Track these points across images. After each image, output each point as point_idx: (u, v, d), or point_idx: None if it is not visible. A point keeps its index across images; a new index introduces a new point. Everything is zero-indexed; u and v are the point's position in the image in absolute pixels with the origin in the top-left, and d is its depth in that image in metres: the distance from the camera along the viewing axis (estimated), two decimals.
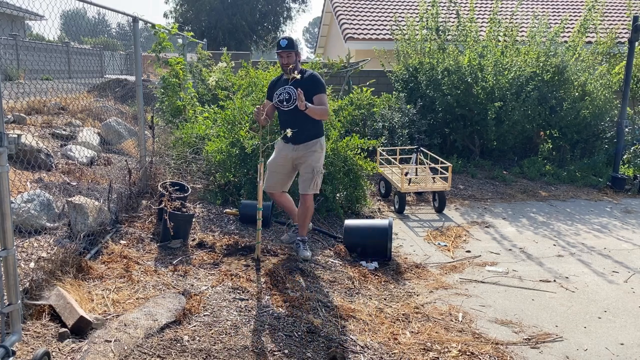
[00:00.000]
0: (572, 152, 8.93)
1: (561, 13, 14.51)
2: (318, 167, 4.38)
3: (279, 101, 4.30)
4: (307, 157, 4.35)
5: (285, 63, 4.25)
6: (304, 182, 4.39)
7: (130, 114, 8.90)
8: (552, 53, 8.58)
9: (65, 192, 4.67)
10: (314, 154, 4.36)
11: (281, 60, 4.29)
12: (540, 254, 5.10)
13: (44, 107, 8.36)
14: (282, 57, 4.26)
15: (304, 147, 4.34)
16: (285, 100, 4.28)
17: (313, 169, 4.35)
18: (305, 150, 4.34)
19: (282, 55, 4.24)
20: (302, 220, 4.50)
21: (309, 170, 4.35)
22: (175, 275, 3.81)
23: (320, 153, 4.42)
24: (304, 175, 4.39)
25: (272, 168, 4.49)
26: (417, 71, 8.94)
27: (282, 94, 4.30)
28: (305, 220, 4.50)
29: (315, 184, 4.38)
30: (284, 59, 4.25)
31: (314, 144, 4.36)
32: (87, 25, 6.18)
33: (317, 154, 4.38)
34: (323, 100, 4.27)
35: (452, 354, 3.18)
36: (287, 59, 4.24)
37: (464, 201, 7.02)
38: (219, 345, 2.96)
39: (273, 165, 4.48)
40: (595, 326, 3.67)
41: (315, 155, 4.36)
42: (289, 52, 4.23)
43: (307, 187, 4.37)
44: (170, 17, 26.85)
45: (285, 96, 4.29)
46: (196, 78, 8.88)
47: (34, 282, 3.19)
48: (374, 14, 14.39)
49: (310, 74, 4.31)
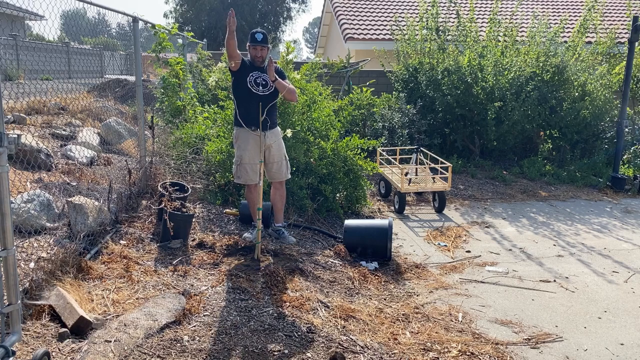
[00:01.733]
0: (572, 152, 8.93)
1: (561, 13, 14.50)
2: (285, 153, 4.62)
3: (255, 84, 4.36)
4: (277, 143, 4.52)
5: (259, 56, 4.35)
6: (280, 168, 4.55)
7: (130, 114, 8.90)
8: (552, 53, 8.58)
9: (65, 192, 4.66)
10: (280, 141, 4.56)
11: (254, 52, 4.36)
12: (540, 254, 5.10)
13: (44, 107, 8.35)
14: (255, 50, 4.35)
15: (271, 133, 4.46)
16: (261, 85, 4.37)
17: (283, 155, 4.57)
18: (274, 137, 4.49)
19: (256, 48, 4.33)
20: (281, 206, 4.68)
21: (281, 157, 4.54)
22: (175, 275, 3.81)
23: (281, 140, 4.61)
24: (277, 162, 4.53)
25: (252, 160, 4.43)
26: (417, 71, 8.94)
27: (259, 78, 4.37)
28: (282, 206, 4.70)
29: (287, 169, 4.62)
30: (258, 51, 4.34)
31: (278, 131, 4.59)
32: (87, 26, 6.18)
33: (280, 140, 4.58)
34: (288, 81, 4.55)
35: (452, 354, 3.18)
36: (261, 52, 4.34)
37: (464, 201, 7.02)
38: (219, 345, 2.96)
39: (251, 156, 4.42)
40: (595, 326, 3.67)
41: (281, 141, 4.58)
42: (264, 46, 4.34)
43: (284, 173, 4.59)
44: (170, 17, 26.88)
45: (262, 82, 4.37)
46: (196, 78, 8.87)
47: (34, 282, 3.19)
48: (374, 14, 14.39)
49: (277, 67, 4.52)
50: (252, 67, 4.41)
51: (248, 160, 4.42)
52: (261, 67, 4.38)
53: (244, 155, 4.42)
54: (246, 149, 4.41)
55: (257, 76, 4.38)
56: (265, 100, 4.34)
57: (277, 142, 4.52)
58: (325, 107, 5.97)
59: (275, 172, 4.55)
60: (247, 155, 4.41)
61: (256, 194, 4.46)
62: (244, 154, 4.42)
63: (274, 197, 4.70)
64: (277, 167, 4.53)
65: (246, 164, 4.43)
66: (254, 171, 4.43)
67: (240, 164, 4.45)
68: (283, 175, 4.60)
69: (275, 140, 4.49)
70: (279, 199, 4.67)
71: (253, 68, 4.40)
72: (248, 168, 4.43)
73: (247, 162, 4.42)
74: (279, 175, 4.57)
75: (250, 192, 4.58)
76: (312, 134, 5.66)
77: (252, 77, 4.37)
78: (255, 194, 4.51)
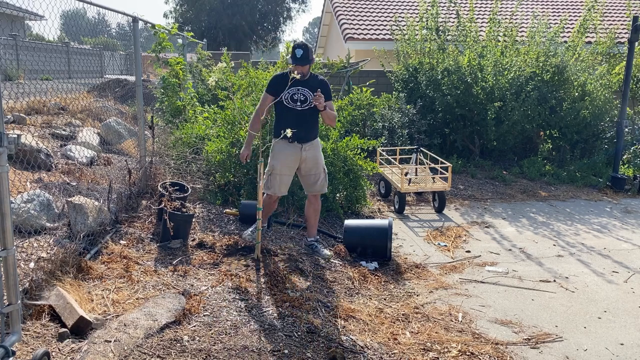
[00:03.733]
0: (572, 152, 8.94)
1: (561, 13, 14.50)
2: (324, 165, 4.48)
3: (292, 100, 4.24)
4: (317, 156, 4.40)
5: (299, 72, 4.15)
6: (319, 181, 4.42)
7: (130, 114, 8.90)
8: (551, 53, 8.58)
9: (65, 192, 4.66)
10: (320, 153, 4.45)
11: (295, 69, 4.17)
12: (540, 254, 5.10)
13: (43, 107, 8.35)
14: (296, 68, 4.17)
15: (310, 146, 4.34)
16: (300, 101, 4.24)
17: (323, 167, 4.45)
18: (313, 149, 4.37)
19: (297, 67, 4.16)
20: (315, 220, 4.59)
21: (320, 169, 4.41)
22: (175, 275, 3.81)
23: (320, 151, 4.51)
24: (316, 174, 4.40)
25: (283, 171, 4.32)
26: (417, 71, 8.94)
27: (296, 94, 4.24)
28: (316, 221, 4.60)
29: (326, 181, 4.50)
30: (299, 69, 4.17)
31: (318, 143, 4.46)
32: (87, 26, 6.18)
33: (320, 152, 4.48)
34: (333, 107, 4.40)
35: (452, 354, 3.18)
36: (301, 69, 4.18)
37: (463, 201, 7.02)
38: (219, 345, 2.96)
39: (285, 168, 4.32)
40: (595, 326, 3.67)
41: (321, 153, 4.47)
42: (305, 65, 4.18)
43: (323, 186, 4.47)
44: (170, 17, 26.89)
45: (301, 97, 4.24)
46: (196, 78, 8.88)
47: (34, 282, 3.19)
48: (374, 14, 14.39)
49: (321, 79, 4.36)
50: (286, 78, 4.21)
51: (279, 170, 4.32)
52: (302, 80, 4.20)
53: (276, 165, 4.31)
54: (279, 159, 4.31)
55: (294, 92, 4.23)
56: (303, 114, 4.25)
57: (315, 154, 4.38)
58: None
59: (312, 184, 4.41)
60: (279, 166, 4.31)
61: (274, 204, 4.54)
62: (276, 163, 4.31)
63: (307, 210, 4.59)
64: (314, 179, 4.40)
65: (277, 174, 4.32)
66: (284, 183, 4.36)
67: (271, 173, 4.33)
68: (320, 188, 4.45)
69: (313, 153, 4.36)
70: (313, 213, 4.55)
71: (290, 83, 4.20)
72: (278, 179, 4.33)
73: (278, 173, 4.32)
74: (315, 188, 4.43)
75: (271, 201, 4.50)
76: None
77: (289, 93, 4.23)
78: (271, 204, 4.53)
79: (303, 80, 4.23)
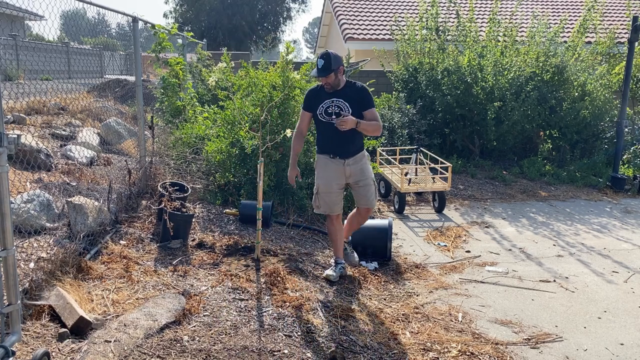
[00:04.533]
0: (571, 152, 8.94)
1: (561, 13, 14.51)
2: (373, 177, 4.16)
3: (326, 114, 3.93)
4: (363, 169, 4.06)
5: (327, 84, 3.90)
6: (369, 194, 4.09)
7: (130, 114, 8.90)
8: (551, 53, 8.58)
9: (65, 193, 4.66)
10: (367, 166, 4.10)
11: (321, 81, 3.95)
12: (540, 254, 5.10)
13: (43, 107, 8.35)
14: (319, 80, 3.94)
15: (353, 160, 4.01)
16: (334, 114, 3.91)
17: (372, 180, 4.13)
18: (357, 163, 4.03)
19: (320, 79, 3.92)
20: (354, 228, 4.38)
21: (369, 182, 4.08)
22: (175, 275, 3.81)
23: (369, 164, 4.16)
24: (365, 187, 4.07)
25: (329, 189, 4.03)
26: (417, 71, 8.94)
27: (330, 107, 3.92)
28: (354, 229, 4.40)
29: (375, 196, 4.18)
30: (323, 81, 3.90)
31: (362, 156, 4.09)
32: (87, 26, 6.18)
33: (367, 165, 4.13)
34: (375, 115, 3.94)
35: (452, 354, 3.18)
36: (326, 80, 3.87)
37: (463, 201, 7.02)
38: (219, 345, 2.96)
39: (328, 186, 4.03)
40: (595, 326, 3.67)
41: (368, 166, 4.12)
42: (329, 75, 3.83)
43: (374, 199, 4.15)
44: (170, 17, 26.88)
45: (335, 110, 3.91)
46: (196, 78, 8.87)
47: (34, 282, 3.19)
48: (374, 14, 14.39)
49: (360, 87, 3.97)
50: (324, 94, 3.96)
51: (323, 189, 4.05)
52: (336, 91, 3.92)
53: (320, 184, 4.06)
54: (322, 177, 4.06)
55: (328, 105, 3.93)
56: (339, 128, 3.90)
57: (360, 167, 4.04)
58: None
59: (362, 196, 4.10)
60: (322, 185, 4.05)
61: (337, 226, 4.16)
62: (320, 182, 4.06)
63: (352, 218, 4.31)
64: (363, 192, 4.08)
65: (322, 192, 4.06)
66: (332, 201, 4.07)
67: (317, 192, 4.09)
68: (372, 201, 4.13)
69: (357, 166, 4.03)
70: (355, 221, 4.30)
71: (326, 95, 3.95)
72: (325, 197, 4.05)
73: (322, 191, 4.05)
74: (365, 201, 4.11)
75: (331, 224, 4.16)
76: (312, 134, 5.66)
77: (323, 107, 3.94)
78: (334, 226, 4.16)
79: (337, 91, 3.91)
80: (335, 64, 3.81)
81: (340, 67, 3.87)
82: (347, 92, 3.93)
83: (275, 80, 5.58)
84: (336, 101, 3.92)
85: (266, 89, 5.47)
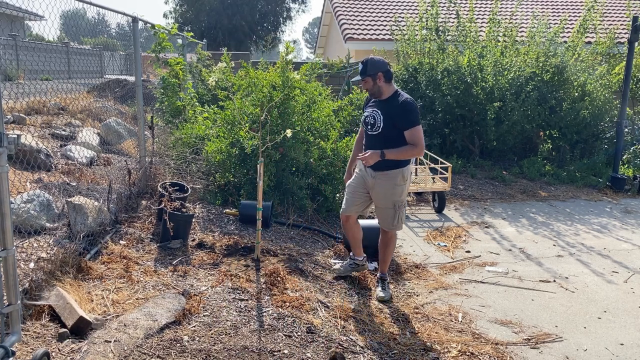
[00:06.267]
0: (571, 152, 8.94)
1: (561, 13, 14.51)
2: (400, 200, 3.83)
3: (364, 123, 3.86)
4: (387, 188, 3.79)
5: (364, 88, 3.85)
6: (386, 217, 3.88)
7: (130, 114, 8.90)
8: (551, 53, 8.59)
9: (65, 193, 4.66)
10: (395, 187, 3.79)
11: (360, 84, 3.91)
12: (539, 254, 5.10)
13: (43, 108, 8.35)
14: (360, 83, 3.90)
15: (383, 175, 3.77)
16: (370, 125, 3.79)
17: (394, 203, 3.82)
18: (384, 180, 3.78)
19: (360, 82, 3.90)
20: (382, 254, 4.05)
21: (388, 204, 3.83)
22: (175, 275, 3.81)
23: (403, 185, 3.82)
24: (383, 209, 3.87)
25: (349, 189, 4.01)
26: (417, 71, 8.94)
27: (368, 117, 3.82)
28: (385, 254, 4.04)
29: (399, 219, 3.87)
30: (362, 83, 3.82)
31: (396, 175, 3.77)
32: (87, 26, 6.18)
33: (399, 187, 3.80)
34: (414, 135, 3.65)
35: (452, 354, 3.18)
36: (364, 84, 3.79)
37: (463, 201, 7.02)
38: (219, 345, 2.96)
39: (350, 187, 4.01)
40: (595, 326, 3.67)
41: (396, 188, 3.79)
42: (364, 79, 3.75)
43: (391, 223, 3.88)
44: (170, 18, 26.87)
45: (370, 120, 3.79)
46: (196, 78, 8.87)
47: (34, 282, 3.19)
48: (374, 14, 14.39)
49: (402, 101, 3.70)
50: (371, 101, 3.90)
51: (346, 188, 4.05)
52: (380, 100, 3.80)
53: (347, 183, 4.07)
54: (351, 177, 4.06)
55: (368, 113, 3.82)
56: (373, 139, 3.78)
57: (385, 186, 3.79)
58: (325, 107, 5.97)
59: (379, 217, 3.95)
60: (347, 184, 4.05)
61: (351, 226, 4.07)
62: (348, 181, 4.07)
63: (379, 242, 4.09)
64: (380, 212, 3.91)
65: (346, 191, 4.06)
66: (347, 201, 3.99)
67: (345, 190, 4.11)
68: (388, 225, 3.90)
69: (383, 184, 3.79)
70: (382, 247, 4.03)
71: (371, 102, 3.88)
72: (345, 196, 4.05)
73: (346, 190, 4.06)
74: (382, 222, 3.94)
75: (347, 223, 4.09)
76: (312, 134, 5.67)
77: (364, 115, 3.88)
78: (348, 226, 4.08)
79: (381, 100, 3.78)
80: (372, 69, 3.69)
81: (380, 74, 3.69)
82: (388, 104, 3.75)
83: (275, 81, 5.58)
84: (375, 111, 3.78)
85: (266, 89, 5.47)
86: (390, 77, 3.76)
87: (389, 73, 3.75)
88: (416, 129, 3.65)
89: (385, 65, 3.73)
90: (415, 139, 3.65)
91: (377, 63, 3.72)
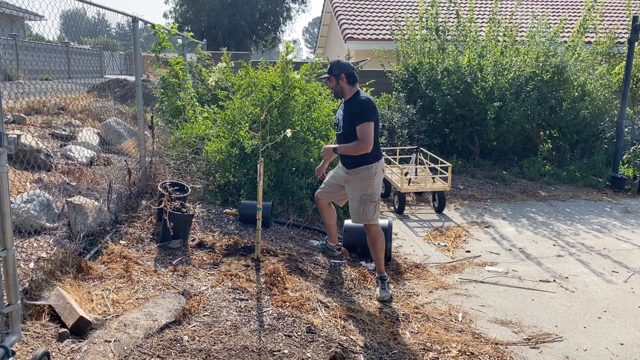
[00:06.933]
0: (571, 152, 8.94)
1: (561, 13, 14.51)
2: (366, 194, 3.99)
3: (334, 123, 4.17)
4: (355, 183, 4.04)
5: (329, 86, 4.13)
6: (354, 209, 4.07)
7: (129, 114, 8.90)
8: (551, 53, 8.59)
9: (65, 192, 4.66)
10: (362, 182, 4.00)
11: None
12: (539, 254, 5.10)
13: (43, 107, 8.35)
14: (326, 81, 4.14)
15: (354, 172, 4.03)
16: (336, 125, 4.14)
17: (361, 197, 4.01)
18: (353, 175, 4.04)
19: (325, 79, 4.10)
20: (372, 254, 4.14)
21: (356, 197, 4.04)
22: (175, 275, 3.81)
23: (370, 180, 3.98)
24: (352, 201, 4.10)
25: (328, 177, 4.40)
26: (417, 71, 8.94)
27: (335, 119, 4.15)
28: (374, 253, 4.09)
29: (365, 212, 4.01)
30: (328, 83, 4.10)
31: (362, 170, 3.99)
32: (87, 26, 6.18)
33: (366, 181, 3.99)
34: (361, 130, 3.82)
35: (452, 354, 3.18)
36: (329, 83, 4.05)
37: (463, 201, 7.02)
38: (219, 345, 2.96)
39: (329, 177, 4.39)
40: (595, 326, 3.67)
41: (363, 182, 3.99)
42: (329, 77, 3.99)
43: (358, 215, 4.05)
44: (170, 17, 26.85)
45: (335, 121, 4.13)
46: (196, 78, 8.87)
47: (34, 282, 3.19)
48: (374, 14, 14.39)
49: (358, 99, 3.92)
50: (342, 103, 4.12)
51: (327, 176, 4.44)
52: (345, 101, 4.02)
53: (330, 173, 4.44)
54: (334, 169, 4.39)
55: (337, 114, 4.12)
56: (339, 138, 4.08)
57: (354, 182, 4.04)
58: (325, 107, 5.97)
59: (350, 210, 4.14)
60: (330, 173, 4.43)
61: (321, 207, 4.48)
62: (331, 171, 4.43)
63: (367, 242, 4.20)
64: (350, 205, 4.13)
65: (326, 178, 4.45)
66: (324, 187, 4.42)
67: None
68: (355, 218, 4.08)
69: (353, 180, 4.04)
70: (370, 246, 4.12)
71: (342, 104, 4.12)
72: (324, 181, 4.44)
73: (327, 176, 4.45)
74: (352, 215, 4.12)
75: (318, 203, 4.51)
76: (312, 134, 5.66)
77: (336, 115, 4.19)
78: (319, 206, 4.50)
79: (346, 101, 4.01)
80: (337, 69, 3.92)
81: (343, 75, 3.91)
82: (349, 104, 3.96)
83: (275, 80, 5.58)
84: (339, 113, 4.05)
85: (266, 89, 5.47)
86: (353, 79, 3.96)
87: (353, 76, 3.95)
88: (365, 125, 3.82)
89: (349, 68, 3.94)
90: (361, 133, 3.83)
91: (342, 65, 3.94)
